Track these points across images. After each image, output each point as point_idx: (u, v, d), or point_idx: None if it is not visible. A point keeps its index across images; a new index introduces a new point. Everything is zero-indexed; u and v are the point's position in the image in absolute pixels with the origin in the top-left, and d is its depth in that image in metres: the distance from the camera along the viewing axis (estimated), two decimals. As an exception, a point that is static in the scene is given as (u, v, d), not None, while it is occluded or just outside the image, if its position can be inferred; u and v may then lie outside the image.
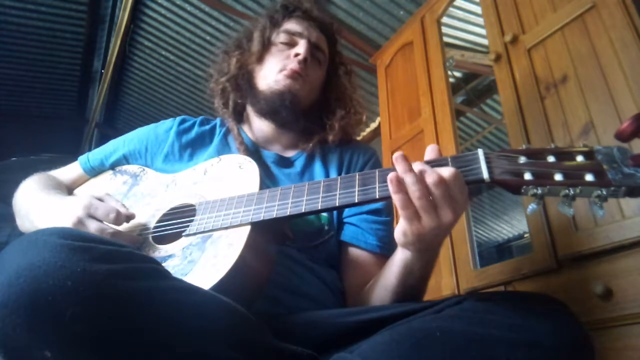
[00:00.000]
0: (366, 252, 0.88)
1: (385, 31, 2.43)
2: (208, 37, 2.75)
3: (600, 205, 0.54)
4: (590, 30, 1.21)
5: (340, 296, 0.87)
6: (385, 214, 0.92)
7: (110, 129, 3.79)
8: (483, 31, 1.60)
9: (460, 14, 2.14)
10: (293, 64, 0.93)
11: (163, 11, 2.68)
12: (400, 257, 0.70)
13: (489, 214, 3.40)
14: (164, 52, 2.98)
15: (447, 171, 0.59)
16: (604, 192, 0.53)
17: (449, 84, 1.73)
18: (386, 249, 0.88)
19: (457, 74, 2.43)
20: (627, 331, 0.96)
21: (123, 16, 2.64)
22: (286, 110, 0.92)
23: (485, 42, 1.66)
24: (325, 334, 0.65)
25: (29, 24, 2.87)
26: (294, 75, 0.92)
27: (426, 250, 0.66)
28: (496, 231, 3.56)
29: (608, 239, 1.02)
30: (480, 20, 1.67)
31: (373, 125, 3.05)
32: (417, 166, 0.60)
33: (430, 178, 0.58)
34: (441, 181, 0.58)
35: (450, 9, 1.90)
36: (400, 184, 0.59)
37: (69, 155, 1.07)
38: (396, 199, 0.59)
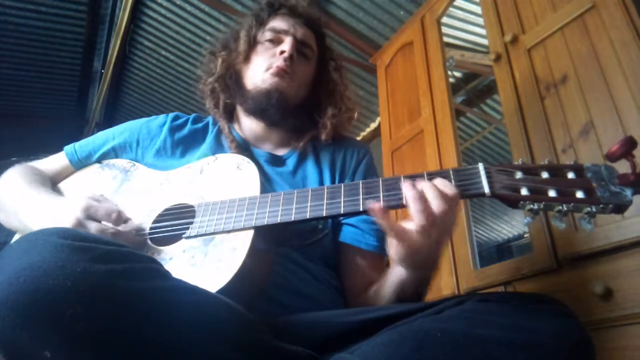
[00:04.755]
0: (367, 253, 0.88)
1: (385, 31, 2.43)
2: (208, 37, 2.74)
3: (589, 220, 0.58)
4: (590, 30, 1.21)
5: (337, 294, 0.87)
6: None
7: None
8: (483, 31, 1.60)
9: (460, 14, 2.14)
10: (279, 62, 0.92)
11: (163, 11, 2.68)
12: (395, 272, 0.73)
13: (489, 214, 3.39)
14: (164, 52, 2.98)
15: (449, 191, 0.61)
16: (593, 209, 0.57)
17: (449, 84, 1.73)
18: (386, 249, 0.88)
19: (457, 74, 2.43)
20: (627, 331, 0.96)
21: (123, 16, 2.64)
22: (274, 109, 0.92)
23: (485, 42, 1.66)
24: (325, 334, 0.65)
25: (28, 24, 2.87)
26: (280, 73, 0.91)
27: (419, 268, 0.69)
28: (496, 231, 3.56)
29: (608, 239, 1.02)
30: (480, 20, 1.67)
31: (373, 125, 3.05)
32: (421, 185, 0.62)
33: (436, 204, 0.60)
34: (445, 210, 0.60)
35: (450, 9, 1.90)
36: (385, 213, 0.62)
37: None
38: (383, 224, 0.62)
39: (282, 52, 0.93)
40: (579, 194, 0.58)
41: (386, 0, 2.26)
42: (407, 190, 0.62)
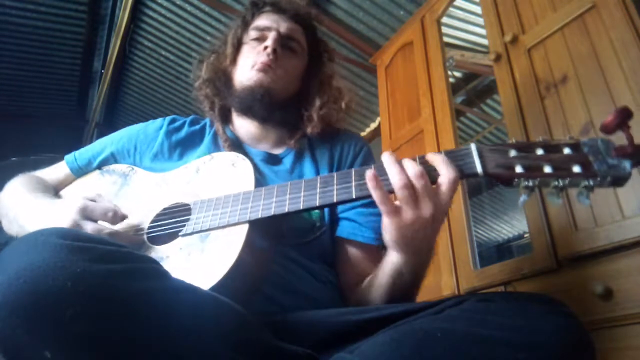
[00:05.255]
0: (364, 246, 0.88)
1: (385, 31, 2.43)
2: (208, 37, 2.74)
3: (587, 195, 0.57)
4: (590, 30, 1.21)
5: (336, 293, 0.87)
6: None
7: (110, 129, 3.75)
8: (483, 31, 1.60)
9: (460, 14, 2.14)
10: (262, 57, 0.92)
11: (163, 11, 2.68)
12: (389, 258, 0.72)
13: (489, 214, 3.39)
14: (164, 52, 2.98)
15: (436, 163, 0.62)
16: (591, 183, 0.56)
17: (449, 84, 1.73)
18: (383, 241, 0.88)
19: (457, 74, 2.43)
20: (628, 331, 0.96)
21: (123, 16, 2.64)
22: (259, 105, 0.92)
23: (485, 42, 1.66)
24: (324, 333, 0.65)
25: (29, 24, 2.87)
26: (265, 68, 0.92)
27: (413, 252, 0.68)
28: (496, 231, 3.56)
29: (608, 239, 1.02)
30: (480, 20, 1.67)
31: (373, 125, 3.05)
32: (405, 160, 0.63)
33: (412, 170, 0.62)
34: (424, 174, 0.61)
35: (450, 9, 1.90)
36: (378, 180, 0.62)
37: (69, 155, 1.05)
38: (375, 195, 0.62)
39: (265, 48, 0.93)
40: (576, 169, 0.57)
41: (386, 0, 2.26)
42: (389, 165, 0.63)
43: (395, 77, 2.06)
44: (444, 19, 1.89)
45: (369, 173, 0.62)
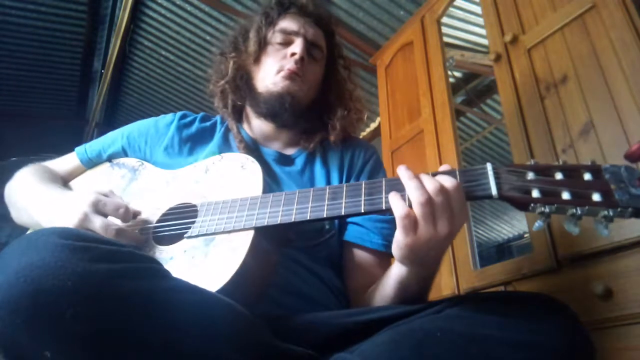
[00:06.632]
0: (372, 251, 0.87)
1: (385, 31, 2.43)
2: (208, 37, 2.75)
3: (606, 225, 0.54)
4: (590, 30, 1.21)
5: (341, 297, 0.86)
6: (389, 212, 0.92)
7: (110, 129, 3.77)
8: (483, 31, 1.60)
9: (460, 14, 2.14)
10: (290, 64, 0.91)
11: (163, 11, 2.68)
12: (396, 272, 0.70)
13: (489, 214, 3.40)
14: (164, 52, 2.98)
15: (449, 181, 0.59)
16: (611, 213, 0.53)
17: (449, 84, 1.73)
18: (391, 247, 0.87)
19: (457, 74, 2.43)
20: (628, 331, 0.96)
21: (123, 16, 2.64)
22: (287, 113, 0.91)
23: (485, 42, 1.66)
24: (325, 334, 0.65)
25: (29, 24, 2.87)
26: (292, 76, 0.91)
27: (421, 266, 0.66)
28: (496, 231, 3.56)
29: (608, 239, 1.02)
30: (480, 20, 1.67)
31: (373, 125, 3.05)
32: (421, 175, 0.61)
33: (431, 185, 0.59)
34: (442, 190, 0.58)
35: (450, 9, 1.90)
36: (403, 199, 0.60)
37: (69, 155, 1.06)
38: (396, 209, 0.60)
39: (292, 54, 0.92)
40: (595, 197, 0.54)
41: (386, 0, 2.26)
42: (407, 180, 0.60)
43: (395, 77, 2.06)
44: (444, 19, 1.89)
45: (393, 196, 0.61)
